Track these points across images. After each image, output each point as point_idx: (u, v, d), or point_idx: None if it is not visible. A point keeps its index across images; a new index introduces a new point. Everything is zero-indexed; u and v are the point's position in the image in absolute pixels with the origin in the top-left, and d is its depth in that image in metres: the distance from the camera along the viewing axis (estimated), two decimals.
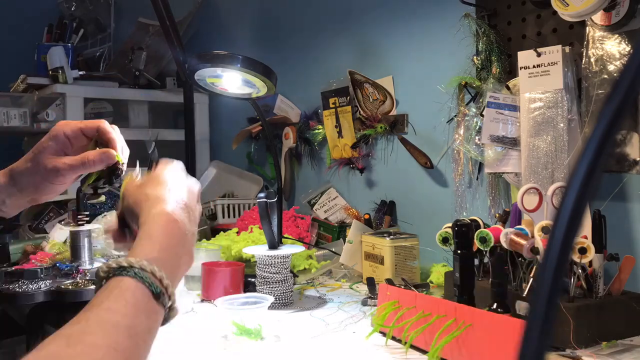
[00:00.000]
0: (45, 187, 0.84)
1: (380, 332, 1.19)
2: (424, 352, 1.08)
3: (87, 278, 1.38)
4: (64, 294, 1.32)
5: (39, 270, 1.41)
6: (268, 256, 1.44)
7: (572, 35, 1.38)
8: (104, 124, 0.86)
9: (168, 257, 0.65)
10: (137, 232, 0.69)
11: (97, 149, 0.86)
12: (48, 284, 1.39)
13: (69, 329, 0.54)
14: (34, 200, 0.88)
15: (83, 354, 0.51)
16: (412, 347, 1.09)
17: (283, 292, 1.43)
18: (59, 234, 1.76)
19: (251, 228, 1.87)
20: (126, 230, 0.78)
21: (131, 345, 0.55)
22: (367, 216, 1.89)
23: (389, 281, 1.41)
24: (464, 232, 1.24)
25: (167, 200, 0.71)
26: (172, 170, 0.77)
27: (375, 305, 1.33)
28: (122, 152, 0.87)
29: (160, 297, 0.61)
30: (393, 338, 1.14)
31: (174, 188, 0.74)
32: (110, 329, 0.55)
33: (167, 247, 0.66)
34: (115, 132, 0.87)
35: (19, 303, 1.36)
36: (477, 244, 1.27)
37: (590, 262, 1.13)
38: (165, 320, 0.63)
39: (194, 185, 0.79)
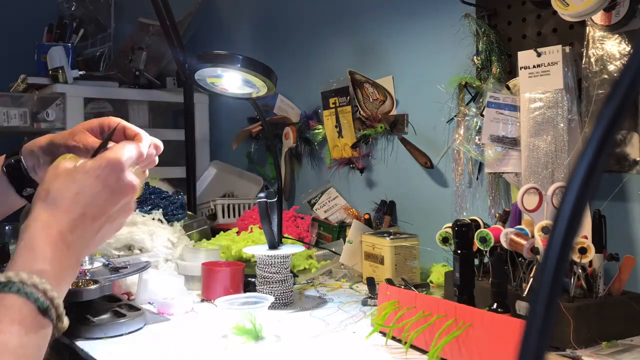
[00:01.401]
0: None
1: (380, 332, 1.19)
2: (424, 352, 1.08)
3: (87, 278, 1.38)
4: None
5: None
6: (268, 256, 1.44)
7: (572, 35, 1.38)
8: (125, 123, 0.84)
9: (51, 269, 0.60)
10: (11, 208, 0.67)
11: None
12: None
13: None
14: None
15: None
16: (412, 347, 1.09)
17: (283, 292, 1.43)
18: None
19: (251, 228, 1.87)
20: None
21: None
22: (367, 216, 1.89)
23: (389, 281, 1.41)
24: (464, 232, 1.24)
25: (60, 208, 0.64)
26: (100, 168, 0.67)
27: (375, 305, 1.33)
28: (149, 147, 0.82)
29: (48, 311, 0.58)
30: (393, 338, 1.14)
31: (83, 193, 0.65)
32: (0, 349, 0.53)
33: (51, 260, 0.61)
34: (139, 129, 0.84)
35: None
36: (477, 244, 1.27)
37: (590, 262, 1.13)
38: (56, 332, 0.60)
39: (123, 186, 0.69)
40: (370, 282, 1.48)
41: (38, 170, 0.85)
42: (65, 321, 0.61)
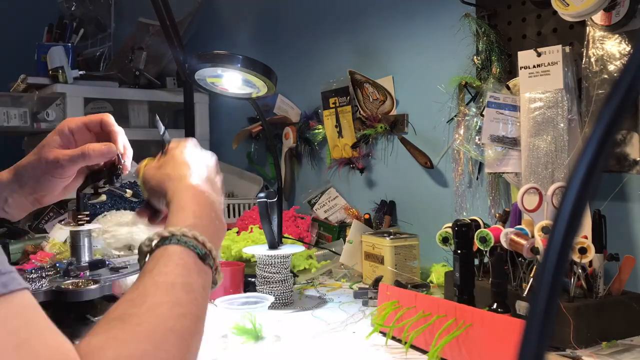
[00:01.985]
0: (47, 182, 0.84)
1: (381, 332, 1.19)
2: (424, 352, 1.08)
3: (88, 278, 1.39)
4: (65, 294, 1.32)
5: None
6: (268, 256, 1.44)
7: (572, 35, 1.38)
8: (108, 117, 0.88)
9: (203, 223, 0.67)
10: (165, 212, 0.72)
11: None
12: (48, 283, 1.39)
13: (129, 295, 0.57)
14: (37, 202, 0.88)
15: (149, 311, 0.54)
16: (413, 347, 1.09)
17: (283, 292, 1.43)
18: (59, 233, 1.76)
19: (251, 228, 1.87)
20: (156, 212, 0.82)
21: (190, 300, 0.58)
22: (367, 216, 1.89)
23: (398, 283, 1.41)
24: (464, 232, 1.24)
25: (189, 176, 0.73)
26: (187, 149, 0.80)
27: (375, 306, 1.33)
28: (123, 149, 0.88)
29: (206, 258, 0.63)
30: (393, 338, 1.14)
31: (193, 165, 0.76)
32: (168, 288, 0.58)
33: (201, 215, 0.68)
34: (117, 127, 0.89)
35: None
36: (477, 244, 1.27)
37: (590, 262, 1.13)
38: (214, 283, 0.65)
39: (210, 158, 0.82)
40: (376, 282, 1.48)
41: (5, 206, 0.87)
42: (222, 274, 0.67)
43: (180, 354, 0.54)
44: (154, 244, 0.63)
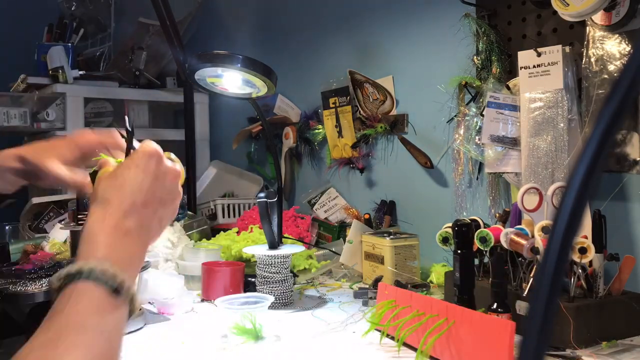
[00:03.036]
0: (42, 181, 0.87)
1: (377, 330, 1.19)
2: (416, 350, 1.08)
3: None
4: None
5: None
6: (268, 256, 1.44)
7: (573, 35, 1.38)
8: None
9: (114, 254, 0.64)
10: None
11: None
12: (48, 284, 1.39)
13: (42, 337, 0.55)
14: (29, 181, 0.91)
15: (65, 354, 0.53)
16: (407, 345, 1.10)
17: (283, 292, 1.43)
18: (59, 233, 1.76)
19: (251, 228, 1.87)
20: None
21: (104, 340, 0.57)
22: (367, 216, 1.89)
23: (398, 283, 1.41)
24: (464, 232, 1.24)
25: (111, 202, 0.68)
26: (135, 161, 0.72)
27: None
28: None
29: (119, 291, 0.61)
30: (388, 336, 1.14)
31: (127, 185, 0.70)
32: (80, 330, 0.56)
33: (110, 246, 0.64)
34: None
35: (18, 303, 1.36)
36: (477, 243, 1.27)
37: (591, 262, 1.13)
38: (131, 312, 0.63)
39: (163, 171, 0.73)
40: (376, 282, 1.48)
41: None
42: (138, 302, 0.64)
43: None
44: (62, 281, 0.60)
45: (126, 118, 0.85)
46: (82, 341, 0.55)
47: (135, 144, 0.79)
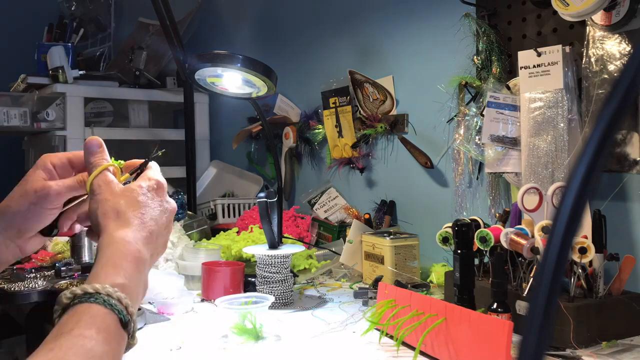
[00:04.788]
0: (34, 214, 0.76)
1: (377, 330, 1.19)
2: (415, 349, 1.09)
3: (83, 278, 1.39)
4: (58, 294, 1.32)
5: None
6: (268, 256, 1.44)
7: (573, 35, 1.38)
8: (95, 157, 0.76)
9: (130, 285, 0.63)
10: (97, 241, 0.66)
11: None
12: (45, 283, 1.39)
13: (47, 355, 0.53)
14: (19, 250, 0.78)
15: None
16: (407, 345, 1.10)
17: (283, 292, 1.43)
18: None
19: (251, 228, 1.87)
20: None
21: None
22: (367, 216, 1.89)
23: (398, 283, 1.41)
24: (464, 231, 1.24)
25: (133, 226, 0.67)
26: (153, 189, 0.72)
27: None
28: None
29: (128, 325, 0.60)
30: (388, 335, 1.14)
31: (147, 213, 0.69)
32: (85, 356, 0.54)
33: (130, 276, 0.64)
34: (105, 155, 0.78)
35: (15, 303, 1.36)
36: (477, 243, 1.27)
37: (591, 262, 1.13)
38: (126, 348, 0.62)
39: (170, 207, 0.74)
40: (376, 282, 1.48)
41: None
42: (136, 339, 0.64)
43: None
44: (76, 298, 0.58)
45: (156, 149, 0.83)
46: None
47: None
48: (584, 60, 1.32)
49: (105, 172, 0.72)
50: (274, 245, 1.48)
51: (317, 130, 2.20)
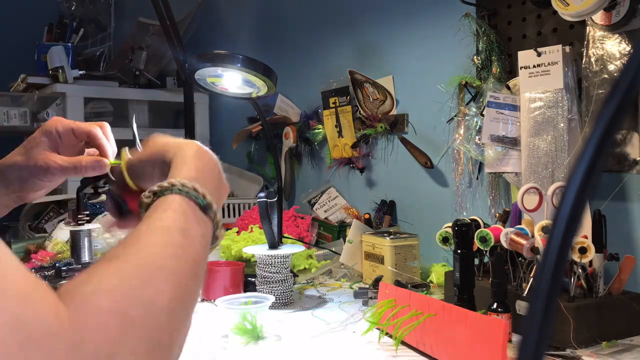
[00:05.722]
0: (33, 183, 0.81)
1: (377, 329, 1.19)
2: (414, 349, 1.09)
3: None
4: None
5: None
6: (268, 256, 1.44)
7: (573, 35, 1.38)
8: (96, 130, 0.83)
9: (205, 177, 0.65)
10: (136, 209, 0.68)
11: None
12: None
13: (123, 241, 0.54)
14: (20, 199, 0.84)
15: (139, 251, 0.52)
16: (406, 345, 1.10)
17: (283, 292, 1.43)
18: (62, 233, 1.76)
19: (251, 228, 1.87)
20: (123, 209, 0.77)
21: (187, 244, 0.56)
22: (367, 216, 1.89)
23: (398, 283, 1.41)
24: (464, 231, 1.24)
25: (188, 142, 0.70)
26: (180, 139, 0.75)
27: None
28: (113, 157, 0.84)
29: (207, 209, 0.61)
30: (388, 335, 1.15)
31: (187, 149, 0.71)
32: (163, 231, 0.55)
33: (203, 170, 0.66)
34: (105, 140, 0.83)
35: None
36: (477, 243, 1.27)
37: (591, 262, 1.13)
38: (214, 240, 0.63)
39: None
40: (376, 282, 1.48)
41: None
42: (223, 230, 0.64)
43: (170, 293, 0.50)
44: (154, 194, 0.60)
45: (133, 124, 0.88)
46: (163, 240, 0.54)
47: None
48: (584, 60, 1.32)
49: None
50: (274, 245, 1.48)
51: (317, 130, 2.20)
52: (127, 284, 0.48)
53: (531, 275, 1.18)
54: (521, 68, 1.40)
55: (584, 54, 1.31)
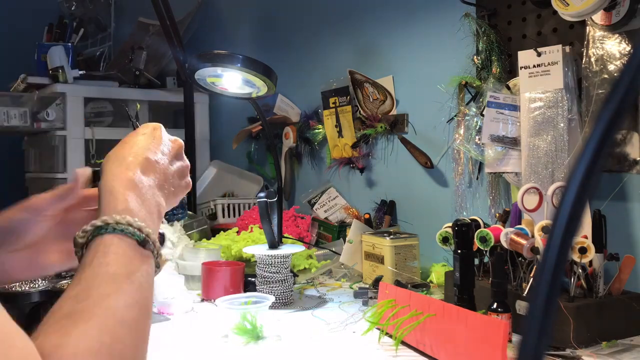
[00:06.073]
0: (27, 226, 0.76)
1: (380, 330, 1.19)
2: (414, 349, 1.09)
3: None
4: (59, 294, 1.32)
5: None
6: (268, 256, 1.44)
7: (573, 35, 1.38)
8: (76, 184, 0.78)
9: (134, 206, 0.63)
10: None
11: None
12: (45, 283, 1.39)
13: (72, 291, 0.55)
14: (34, 262, 0.78)
15: (96, 305, 0.53)
16: (406, 345, 1.10)
17: (283, 292, 1.43)
18: None
19: (251, 228, 1.87)
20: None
21: (135, 289, 0.57)
22: (367, 216, 1.89)
23: (398, 283, 1.41)
24: (464, 231, 1.24)
25: (126, 157, 0.68)
26: (142, 130, 0.75)
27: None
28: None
29: (146, 243, 0.61)
30: (388, 335, 1.15)
31: (135, 146, 0.71)
32: (110, 279, 0.56)
33: (131, 199, 0.64)
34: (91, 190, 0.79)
35: (15, 302, 1.36)
36: (477, 243, 1.27)
37: (591, 262, 1.13)
38: (157, 267, 0.63)
39: (172, 141, 0.76)
40: (376, 282, 1.48)
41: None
42: (164, 256, 0.64)
43: (134, 343, 0.54)
44: (88, 235, 0.60)
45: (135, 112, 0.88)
46: (114, 290, 0.55)
47: None
48: (584, 60, 1.32)
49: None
50: (274, 245, 1.48)
51: (317, 130, 2.20)
52: (100, 343, 0.51)
53: (531, 275, 1.18)
54: (521, 68, 1.40)
55: (584, 54, 1.31)
